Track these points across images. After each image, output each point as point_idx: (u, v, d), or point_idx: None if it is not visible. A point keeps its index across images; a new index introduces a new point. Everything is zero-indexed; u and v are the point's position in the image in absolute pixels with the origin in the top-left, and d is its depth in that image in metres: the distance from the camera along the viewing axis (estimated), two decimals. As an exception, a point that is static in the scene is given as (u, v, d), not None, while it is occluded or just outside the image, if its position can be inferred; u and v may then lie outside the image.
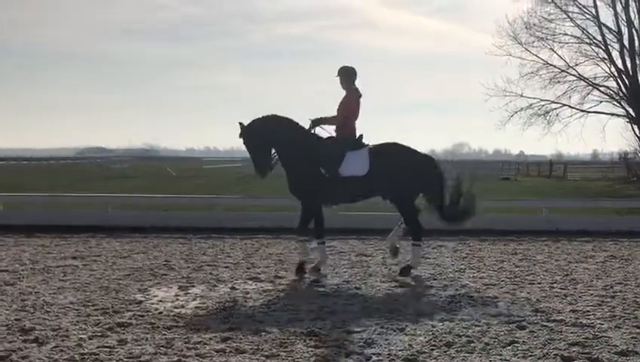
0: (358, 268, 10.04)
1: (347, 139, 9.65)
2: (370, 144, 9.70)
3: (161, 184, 31.23)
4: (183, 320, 6.87)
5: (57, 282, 8.79)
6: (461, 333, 6.44)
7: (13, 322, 6.70)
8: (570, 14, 38.67)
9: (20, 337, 6.18)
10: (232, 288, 8.62)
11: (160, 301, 7.82)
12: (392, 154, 9.61)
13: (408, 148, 9.76)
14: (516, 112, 39.83)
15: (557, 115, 39.98)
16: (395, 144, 9.75)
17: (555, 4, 38.46)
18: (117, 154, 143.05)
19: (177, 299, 7.92)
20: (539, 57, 39.16)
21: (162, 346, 5.96)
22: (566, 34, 39.09)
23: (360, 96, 9.80)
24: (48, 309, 7.26)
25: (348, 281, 9.15)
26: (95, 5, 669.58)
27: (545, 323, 6.85)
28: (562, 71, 39.13)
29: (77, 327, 6.53)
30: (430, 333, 6.45)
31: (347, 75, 9.80)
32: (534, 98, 39.79)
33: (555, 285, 8.93)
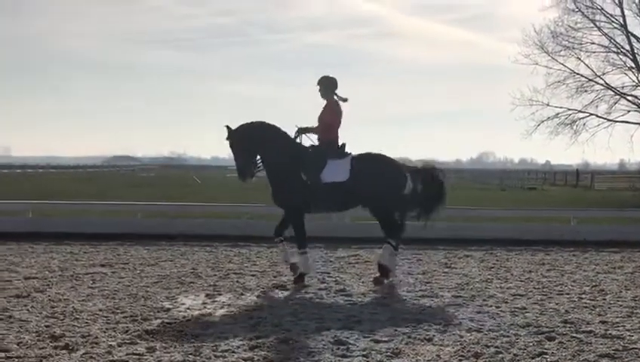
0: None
1: (330, 147, 9.75)
2: (351, 153, 9.81)
3: (187, 192, 31.38)
4: (211, 328, 6.90)
5: (86, 289, 8.87)
6: (489, 344, 6.40)
7: (44, 328, 6.76)
8: (597, 23, 38.29)
9: (51, 343, 6.24)
10: (259, 296, 8.65)
11: (187, 308, 7.86)
12: (373, 164, 9.71)
13: (389, 159, 9.91)
14: (543, 122, 39.38)
15: (584, 124, 39.48)
16: (377, 154, 9.88)
17: (582, 13, 38.11)
18: (144, 163, 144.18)
19: (205, 307, 7.96)
20: (566, 66, 38.78)
21: (190, 354, 6.00)
22: (593, 43, 38.70)
23: (340, 104, 9.90)
24: (78, 316, 7.33)
25: (374, 290, 9.13)
26: (122, 15, 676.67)
27: (574, 335, 6.79)
28: (589, 80, 38.72)
29: (106, 334, 6.59)
30: (458, 344, 6.41)
31: (328, 85, 9.90)
32: (561, 107, 39.39)
33: (583, 296, 8.85)
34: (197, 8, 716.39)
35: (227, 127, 9.72)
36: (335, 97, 9.89)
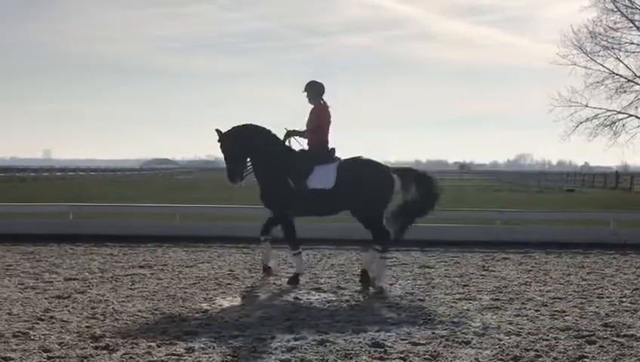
0: (421, 280, 9.99)
1: (318, 151, 9.76)
2: (340, 158, 9.78)
3: (224, 194, 31.55)
4: (249, 330, 6.94)
5: (126, 290, 8.98)
6: (528, 347, 6.34)
7: (84, 329, 6.86)
8: (636, 23, 37.77)
9: (91, 344, 6.32)
10: (296, 298, 8.68)
11: (225, 310, 7.92)
12: (359, 169, 9.62)
13: (376, 163, 9.81)
14: (581, 123, 38.99)
15: (623, 125, 38.99)
16: (364, 159, 9.79)
17: (621, 12, 37.62)
18: (181, 165, 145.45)
19: (242, 309, 8.01)
20: (604, 67, 38.32)
21: (228, 355, 6.04)
22: (632, 43, 38.17)
23: (328, 107, 9.90)
24: (117, 317, 7.42)
25: (411, 293, 9.11)
26: (162, 20, 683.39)
27: (615, 338, 6.70)
28: (629, 80, 38.20)
29: (146, 335, 6.66)
30: (497, 347, 6.36)
31: (315, 90, 9.92)
32: (600, 108, 38.96)
33: (624, 299, 8.73)
34: (237, 13, 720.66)
35: (217, 130, 9.85)
36: (322, 102, 9.90)
